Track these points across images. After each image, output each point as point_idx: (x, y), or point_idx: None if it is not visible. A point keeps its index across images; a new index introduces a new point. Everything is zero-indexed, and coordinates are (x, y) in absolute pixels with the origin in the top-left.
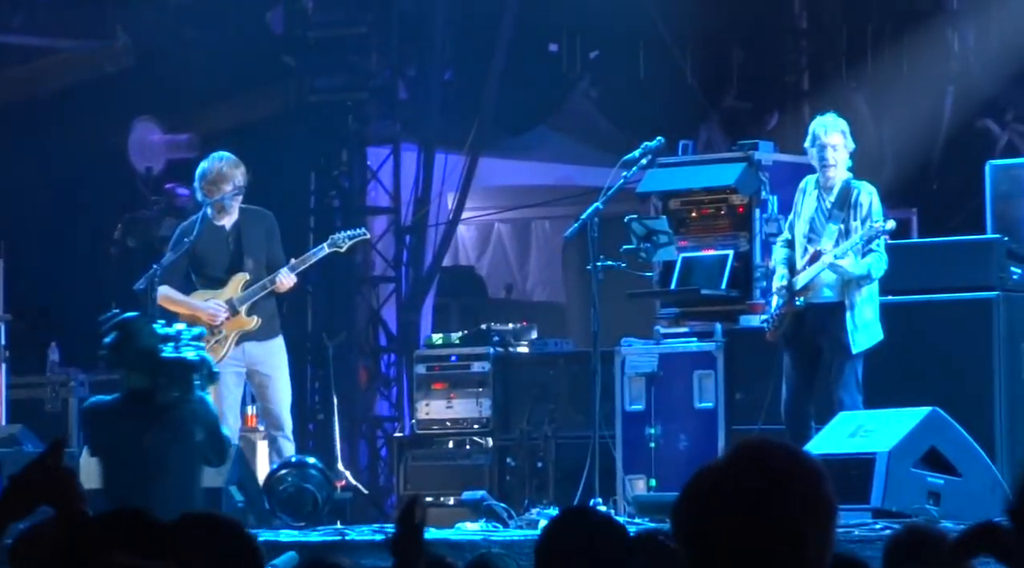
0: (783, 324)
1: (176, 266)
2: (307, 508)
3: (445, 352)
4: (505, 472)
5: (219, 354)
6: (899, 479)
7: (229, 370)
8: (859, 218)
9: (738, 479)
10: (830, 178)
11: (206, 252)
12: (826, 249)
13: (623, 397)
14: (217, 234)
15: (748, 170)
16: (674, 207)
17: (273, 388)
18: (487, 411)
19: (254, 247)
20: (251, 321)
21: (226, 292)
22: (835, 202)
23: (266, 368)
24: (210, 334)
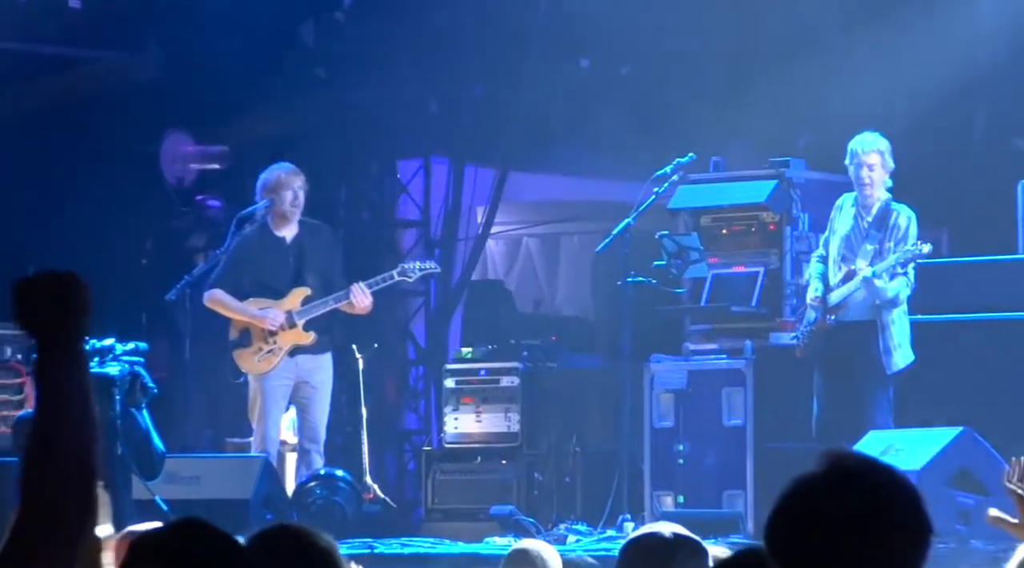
0: (814, 340)
1: (232, 272)
2: (336, 521)
3: (474, 366)
4: (533, 487)
5: (271, 365)
6: (929, 499)
7: (279, 382)
8: (895, 240)
9: (839, 499)
10: (868, 197)
11: (264, 262)
12: (860, 268)
13: (652, 413)
14: (277, 245)
15: (779, 187)
16: (705, 224)
17: (317, 402)
18: (515, 425)
19: (316, 262)
20: (308, 336)
21: (284, 304)
22: (873, 222)
23: (315, 382)
24: (262, 343)
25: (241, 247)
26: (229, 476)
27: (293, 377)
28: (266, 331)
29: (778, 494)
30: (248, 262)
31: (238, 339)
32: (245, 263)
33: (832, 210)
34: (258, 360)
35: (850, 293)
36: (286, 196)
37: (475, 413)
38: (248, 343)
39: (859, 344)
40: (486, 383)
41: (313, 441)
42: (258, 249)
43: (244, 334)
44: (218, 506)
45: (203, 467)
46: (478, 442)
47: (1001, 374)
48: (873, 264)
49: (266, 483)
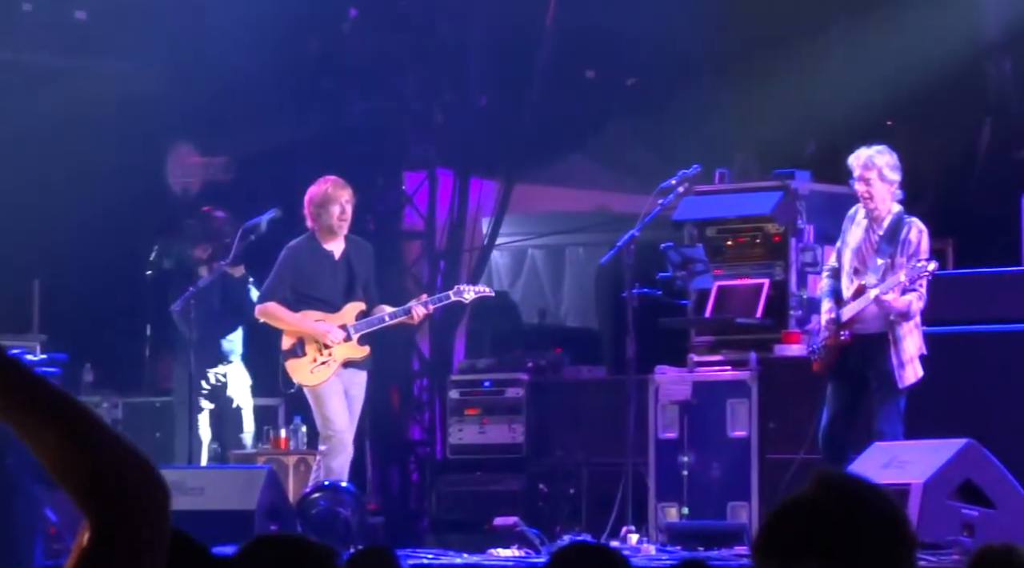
0: (829, 356)
1: (283, 285)
2: (339, 531)
3: (478, 377)
4: (538, 498)
5: (325, 376)
6: (934, 511)
7: (336, 389)
8: (906, 255)
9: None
10: (871, 211)
11: (315, 276)
12: (870, 283)
13: (656, 424)
14: (326, 259)
15: (784, 199)
16: (710, 235)
17: (353, 414)
18: (520, 437)
19: (363, 277)
20: (363, 350)
21: (339, 318)
22: (884, 236)
23: (357, 393)
24: (317, 354)
25: (290, 261)
26: (233, 487)
27: (342, 388)
28: (321, 343)
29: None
30: (298, 275)
31: (291, 350)
32: (296, 276)
33: (845, 221)
34: (312, 371)
35: (862, 309)
36: (334, 210)
37: (479, 424)
38: (302, 354)
39: (871, 357)
40: (491, 394)
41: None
42: (308, 263)
43: (298, 345)
44: (222, 517)
45: (207, 478)
46: (482, 453)
47: (1005, 386)
48: (884, 279)
49: (270, 494)
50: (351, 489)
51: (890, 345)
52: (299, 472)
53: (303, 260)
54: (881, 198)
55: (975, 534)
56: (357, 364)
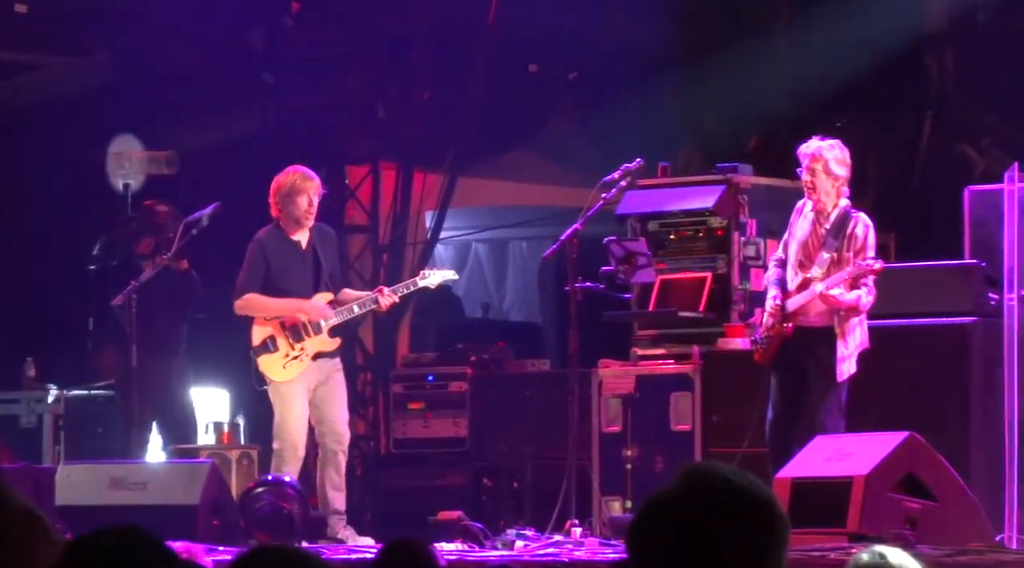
0: (771, 347)
1: (255, 278)
2: (283, 526)
3: (422, 371)
4: (481, 492)
5: (298, 371)
6: (876, 503)
7: (302, 388)
8: (852, 249)
9: (690, 511)
10: (817, 203)
11: (284, 267)
12: (816, 277)
13: (600, 418)
14: (294, 250)
15: (727, 193)
16: (653, 229)
17: (338, 400)
18: (463, 431)
19: (329, 265)
20: (335, 342)
21: None
22: (830, 230)
23: (333, 383)
24: (289, 349)
25: (259, 253)
26: (176, 482)
27: (314, 381)
28: (292, 338)
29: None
30: (267, 264)
31: (263, 345)
32: (265, 264)
33: (792, 213)
34: (284, 366)
35: (806, 302)
36: (300, 202)
37: (423, 418)
38: (274, 349)
39: (813, 350)
40: (434, 389)
41: (338, 442)
42: (276, 254)
43: (269, 340)
44: (166, 512)
45: (151, 473)
46: (426, 447)
47: (947, 379)
48: (829, 273)
49: (213, 489)
50: (294, 484)
51: (834, 339)
52: (242, 466)
53: (271, 251)
54: (825, 191)
55: (917, 527)
56: (330, 354)
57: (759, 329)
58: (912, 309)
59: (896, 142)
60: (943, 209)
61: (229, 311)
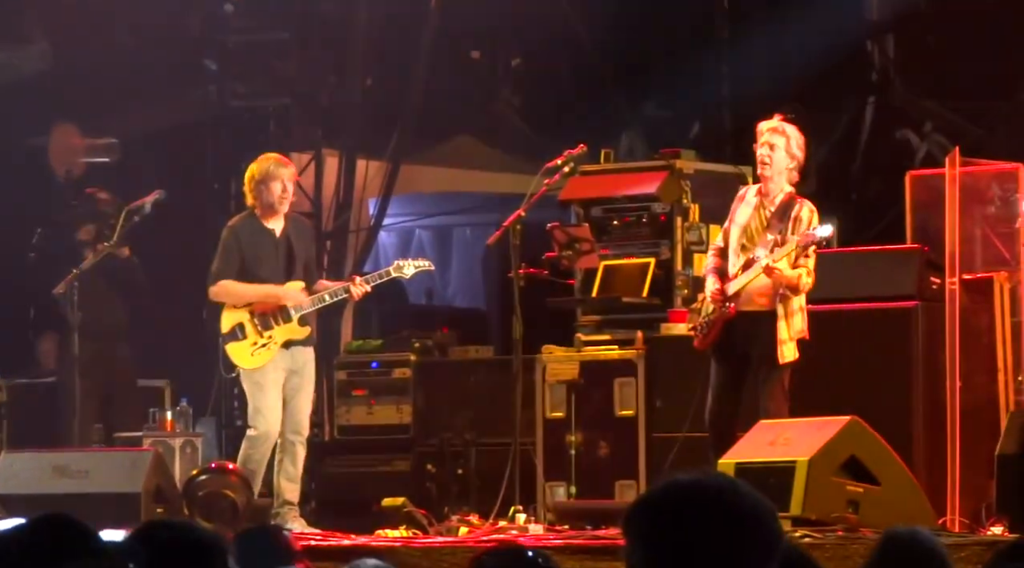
0: (712, 331)
1: (229, 264)
2: (226, 514)
3: (365, 358)
4: (425, 479)
5: (267, 359)
6: (819, 487)
7: (275, 376)
8: (797, 233)
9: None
10: (767, 181)
11: (257, 255)
12: (758, 256)
13: (544, 404)
14: (267, 238)
15: (670, 179)
16: (596, 215)
17: (304, 394)
18: (407, 418)
19: (304, 256)
20: (304, 331)
21: None
22: (775, 213)
23: (305, 373)
24: (257, 337)
25: (233, 239)
26: (119, 470)
27: (286, 369)
28: (260, 326)
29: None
30: (240, 251)
31: (231, 332)
32: (239, 252)
33: (734, 201)
34: (252, 354)
35: (749, 281)
36: (275, 188)
37: (367, 405)
38: (242, 336)
39: (756, 334)
40: (378, 375)
41: (297, 433)
42: (250, 241)
43: (238, 327)
44: (108, 500)
45: (93, 461)
46: (370, 434)
47: (888, 363)
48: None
49: (156, 477)
50: (237, 471)
51: (775, 321)
52: (185, 454)
53: (245, 238)
54: (779, 170)
55: (860, 510)
56: (302, 342)
57: (698, 317)
58: (855, 293)
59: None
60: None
61: (171, 298)
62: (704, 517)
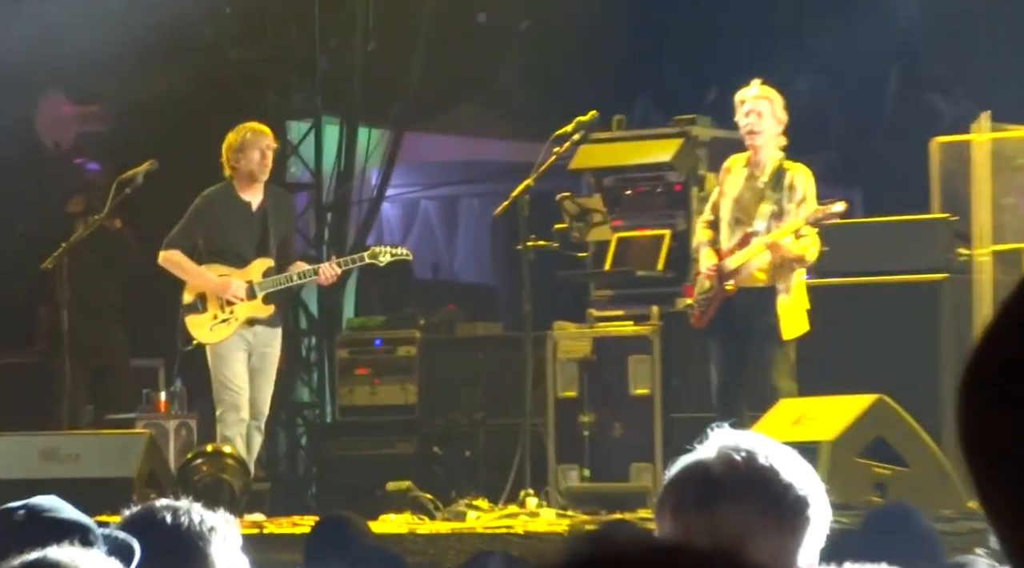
0: (710, 308)
1: (191, 234)
2: (224, 499)
3: (368, 335)
4: (432, 462)
5: (226, 334)
6: (844, 469)
7: (238, 350)
8: (794, 201)
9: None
10: (758, 151)
11: (227, 227)
12: (759, 231)
13: (555, 383)
14: (242, 210)
15: (685, 146)
16: (608, 184)
17: (266, 375)
18: (413, 398)
19: (279, 232)
20: (267, 309)
21: (247, 273)
22: (768, 182)
23: (267, 355)
24: (218, 311)
25: (202, 209)
26: (111, 454)
27: (248, 347)
28: (223, 299)
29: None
30: (210, 225)
31: (192, 304)
32: (207, 226)
33: (720, 172)
34: (211, 328)
35: (750, 257)
36: (253, 156)
37: (370, 385)
38: (203, 309)
39: (757, 309)
40: (381, 354)
41: (254, 417)
42: (222, 212)
43: (199, 300)
44: (100, 485)
45: (84, 444)
46: (373, 415)
47: (915, 338)
48: (771, 226)
49: (150, 461)
50: (234, 454)
51: (776, 295)
52: (180, 437)
53: (217, 209)
54: (768, 137)
55: (887, 493)
56: (265, 321)
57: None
58: (879, 266)
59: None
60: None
61: (165, 273)
62: None
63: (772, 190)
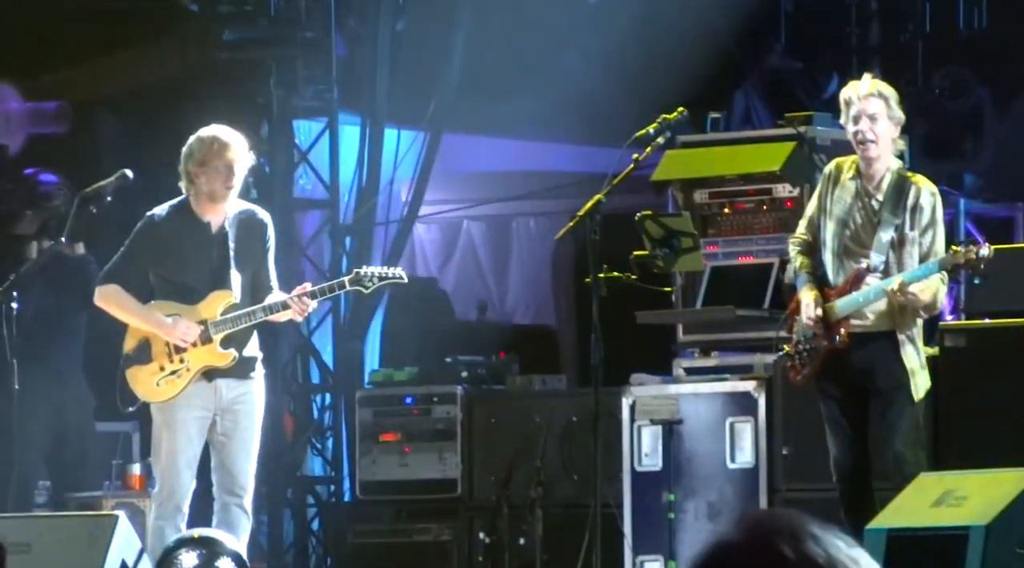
0: (814, 360)
1: (136, 263)
2: None
3: (397, 392)
4: (477, 552)
5: (176, 390)
6: (1000, 561)
7: (190, 413)
8: (919, 227)
9: None
10: (871, 162)
11: (181, 253)
12: (874, 267)
13: (633, 452)
14: (200, 233)
15: (799, 151)
16: (700, 200)
17: (238, 441)
18: (453, 470)
19: (245, 258)
20: (226, 356)
21: (200, 311)
22: (885, 201)
23: (242, 415)
24: (165, 361)
25: (148, 233)
26: (73, 541)
27: (211, 407)
28: (172, 346)
29: None
30: (160, 253)
31: (134, 354)
32: (156, 254)
33: (820, 181)
34: (158, 383)
35: (867, 302)
36: (218, 170)
37: (399, 454)
38: (146, 360)
39: (876, 362)
40: (414, 414)
41: (232, 492)
42: (174, 238)
43: (142, 347)
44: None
45: (37, 529)
46: (404, 493)
47: None
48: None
49: (121, 551)
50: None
51: (899, 345)
52: None
53: (167, 233)
54: (885, 143)
55: None
56: (230, 373)
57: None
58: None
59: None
60: None
61: None
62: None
63: (891, 212)
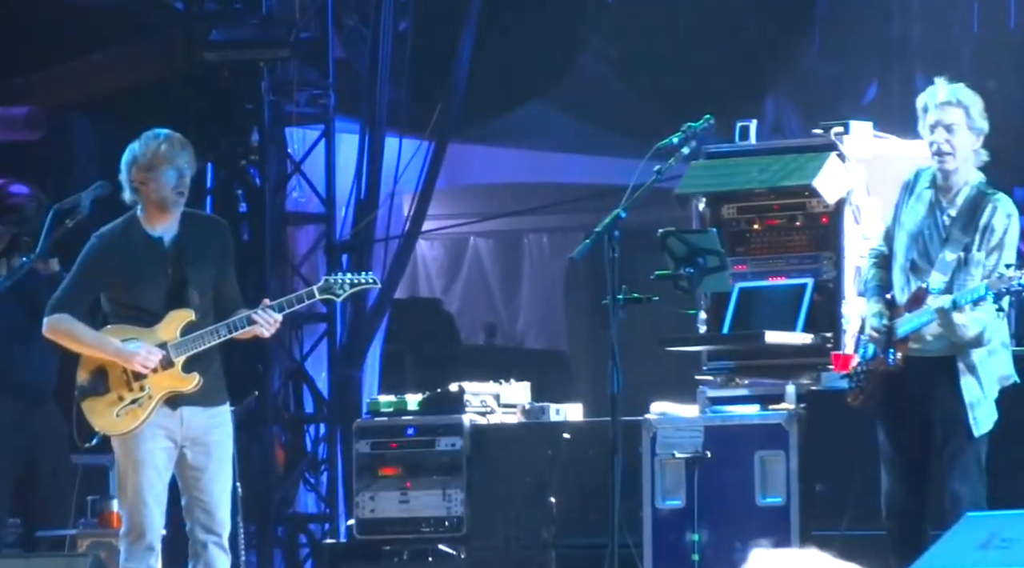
0: (871, 385)
1: (85, 288)
2: None
3: (398, 423)
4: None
5: (137, 421)
6: None
7: (155, 444)
8: (985, 248)
9: None
10: (949, 174)
11: (132, 272)
12: (935, 287)
13: (654, 488)
14: (152, 249)
15: (835, 163)
16: (728, 216)
17: (212, 474)
18: (459, 507)
19: (202, 273)
20: (189, 380)
21: (159, 333)
22: (957, 217)
23: (213, 444)
24: (124, 390)
25: (97, 255)
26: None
27: (177, 438)
28: (130, 373)
29: None
30: (110, 274)
31: (89, 384)
32: (106, 275)
33: (900, 190)
34: (118, 414)
35: (922, 324)
36: (167, 178)
37: (400, 490)
38: (103, 390)
39: (934, 391)
40: (416, 447)
41: (212, 531)
42: (123, 255)
43: (97, 376)
44: None
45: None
46: (405, 532)
47: None
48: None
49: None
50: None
51: (959, 372)
52: None
53: (117, 253)
54: (964, 155)
55: None
56: (196, 399)
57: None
58: None
59: None
60: None
61: None
62: None
63: (961, 230)
